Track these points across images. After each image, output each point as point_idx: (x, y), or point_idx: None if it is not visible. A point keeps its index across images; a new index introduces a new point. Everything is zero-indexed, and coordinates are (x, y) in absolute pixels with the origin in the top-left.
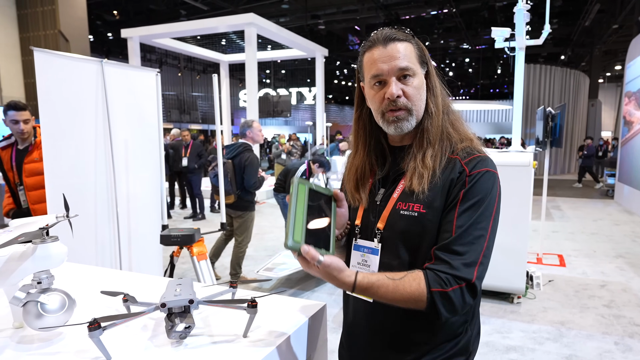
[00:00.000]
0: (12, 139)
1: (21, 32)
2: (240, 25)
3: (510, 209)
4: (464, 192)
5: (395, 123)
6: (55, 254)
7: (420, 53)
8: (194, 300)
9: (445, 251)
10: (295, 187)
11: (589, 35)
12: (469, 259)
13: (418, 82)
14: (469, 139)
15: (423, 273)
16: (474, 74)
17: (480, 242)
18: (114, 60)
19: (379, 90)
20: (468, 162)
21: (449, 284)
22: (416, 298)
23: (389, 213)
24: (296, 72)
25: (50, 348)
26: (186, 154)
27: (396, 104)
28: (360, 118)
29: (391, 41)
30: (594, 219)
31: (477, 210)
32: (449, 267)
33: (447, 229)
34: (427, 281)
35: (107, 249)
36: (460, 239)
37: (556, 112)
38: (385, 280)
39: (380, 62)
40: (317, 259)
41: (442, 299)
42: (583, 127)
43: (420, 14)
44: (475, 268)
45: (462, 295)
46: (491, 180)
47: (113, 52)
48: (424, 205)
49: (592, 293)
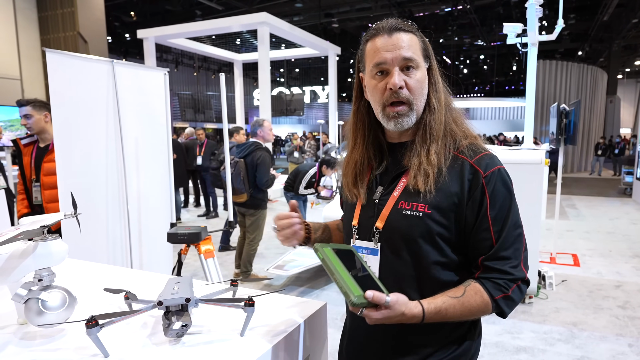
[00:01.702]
0: (34, 137)
1: (42, 34)
2: (253, 25)
3: (522, 207)
4: (490, 196)
5: (396, 119)
6: (55, 252)
7: (424, 46)
8: (190, 299)
9: (493, 260)
10: (322, 253)
11: (607, 30)
12: (516, 261)
13: (421, 76)
14: (472, 136)
15: (480, 284)
16: (488, 71)
17: (519, 240)
18: (131, 61)
19: (380, 80)
20: (478, 162)
21: (508, 287)
22: (483, 310)
23: (389, 212)
24: (310, 71)
25: (51, 344)
26: (200, 152)
27: (398, 96)
28: (358, 110)
29: (396, 31)
30: (610, 218)
31: (507, 211)
32: (503, 274)
33: (486, 236)
34: (488, 291)
35: (118, 247)
36: (504, 244)
37: (570, 108)
38: (450, 300)
39: (383, 50)
40: (385, 300)
41: (505, 302)
42: (601, 124)
43: (434, 10)
44: (522, 265)
45: (520, 291)
46: (506, 176)
47: (131, 53)
48: (429, 206)
49: (606, 293)
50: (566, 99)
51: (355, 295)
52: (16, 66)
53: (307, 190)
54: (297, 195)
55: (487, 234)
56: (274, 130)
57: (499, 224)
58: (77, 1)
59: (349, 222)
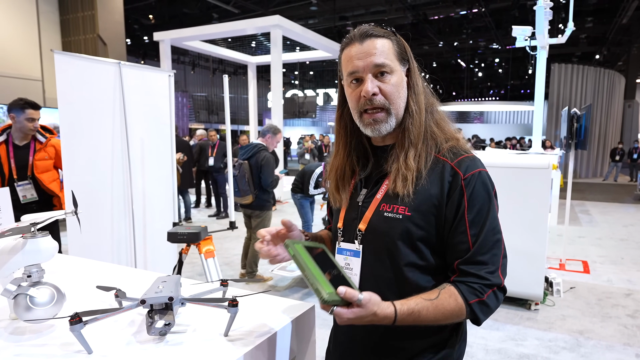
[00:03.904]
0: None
1: (63, 37)
2: (266, 28)
3: (529, 212)
4: (468, 199)
5: (373, 125)
6: (44, 249)
7: (400, 50)
8: (173, 298)
9: (469, 264)
10: (292, 249)
11: (626, 34)
12: (493, 266)
13: (396, 80)
14: (455, 139)
15: (455, 287)
16: (503, 74)
17: (498, 245)
18: (149, 63)
19: (355, 88)
20: (458, 164)
21: (483, 291)
22: (457, 313)
23: (371, 214)
24: (324, 74)
25: (39, 340)
26: (212, 153)
27: (372, 103)
28: (341, 117)
29: (367, 37)
30: (624, 225)
31: (486, 215)
32: (478, 278)
33: (463, 239)
34: (463, 295)
35: (123, 246)
36: (480, 248)
37: (582, 113)
38: (424, 302)
39: (356, 58)
40: (357, 297)
41: (480, 307)
42: (618, 129)
43: (449, 14)
44: (500, 271)
45: (495, 298)
46: (487, 180)
47: (149, 55)
48: (409, 208)
49: (616, 302)
50: (582, 103)
51: (327, 292)
52: (38, 68)
53: (316, 190)
54: (305, 196)
55: (464, 237)
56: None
57: (477, 227)
58: (98, 4)
59: (335, 225)
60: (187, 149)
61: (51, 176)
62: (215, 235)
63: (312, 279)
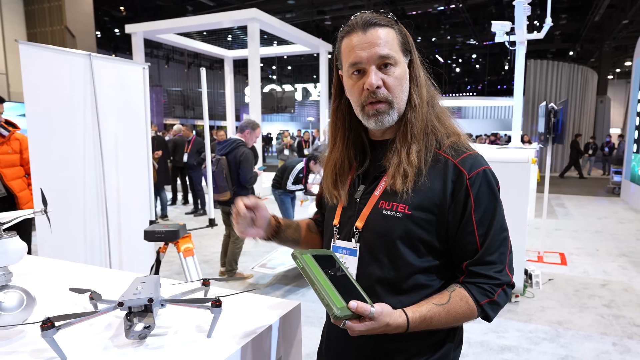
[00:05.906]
0: None
1: (28, 28)
2: (243, 21)
3: (509, 205)
4: (474, 198)
5: (376, 117)
6: (12, 250)
7: (403, 40)
8: (153, 299)
9: (478, 265)
10: (301, 261)
11: (598, 31)
12: (501, 265)
13: (400, 72)
14: (456, 134)
15: (465, 289)
16: (481, 70)
17: (505, 243)
18: (121, 56)
19: (357, 80)
20: (462, 162)
21: (494, 291)
22: (469, 315)
23: (369, 212)
24: (302, 68)
25: (8, 347)
26: (187, 149)
27: (376, 96)
28: (338, 109)
29: (371, 26)
30: (598, 217)
31: (492, 213)
32: (488, 278)
33: (471, 240)
34: (474, 296)
35: (96, 246)
36: (489, 248)
37: (558, 108)
38: (435, 308)
39: (358, 49)
40: (369, 311)
41: (491, 306)
42: (591, 124)
43: (427, 9)
44: (508, 269)
45: (505, 295)
46: (492, 177)
47: (121, 48)
48: (409, 206)
49: (592, 292)
50: (556, 98)
51: (339, 308)
52: (2, 60)
53: (295, 186)
54: (286, 191)
55: (472, 238)
56: (265, 128)
57: (484, 227)
58: None
59: (330, 222)
60: (162, 144)
61: (15, 173)
62: (194, 233)
63: (323, 294)
